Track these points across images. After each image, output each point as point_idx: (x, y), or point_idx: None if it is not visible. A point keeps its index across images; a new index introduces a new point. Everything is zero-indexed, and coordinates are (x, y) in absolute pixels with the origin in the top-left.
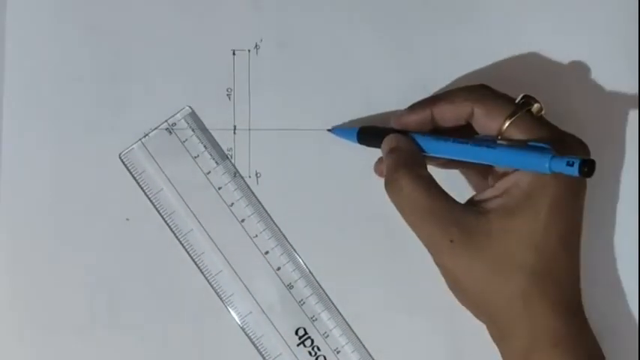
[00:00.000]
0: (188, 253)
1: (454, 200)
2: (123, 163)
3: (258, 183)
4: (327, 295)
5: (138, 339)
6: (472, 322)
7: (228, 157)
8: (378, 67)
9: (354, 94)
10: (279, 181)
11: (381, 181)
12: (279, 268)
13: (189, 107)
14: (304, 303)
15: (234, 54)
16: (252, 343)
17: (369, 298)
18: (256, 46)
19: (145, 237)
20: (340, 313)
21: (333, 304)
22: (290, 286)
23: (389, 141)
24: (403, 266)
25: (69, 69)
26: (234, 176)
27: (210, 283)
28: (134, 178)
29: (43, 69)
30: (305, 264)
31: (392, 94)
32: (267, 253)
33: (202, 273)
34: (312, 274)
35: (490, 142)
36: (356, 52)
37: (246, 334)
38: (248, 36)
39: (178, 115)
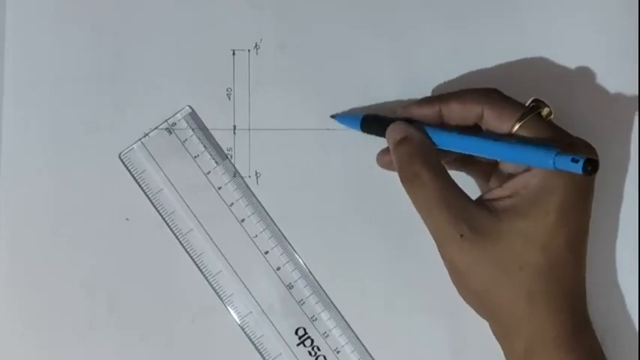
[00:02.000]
0: (188, 253)
1: (467, 196)
2: (123, 162)
3: (258, 183)
4: (326, 295)
5: (138, 339)
6: (473, 322)
7: (228, 157)
8: (378, 67)
9: (354, 94)
10: (279, 181)
11: (381, 181)
12: (278, 268)
13: (189, 107)
14: (304, 303)
15: (234, 54)
16: (252, 343)
17: (369, 298)
18: (256, 45)
19: (144, 237)
20: (340, 313)
21: (332, 304)
22: (290, 286)
23: (397, 130)
24: (403, 266)
25: (69, 69)
26: (234, 176)
27: (210, 283)
28: (134, 177)
29: (43, 69)
30: (305, 264)
31: (392, 95)
32: (267, 253)
33: (202, 273)
34: (311, 274)
35: (496, 137)
36: (356, 51)
37: (246, 334)
38: (248, 36)
39: (178, 114)
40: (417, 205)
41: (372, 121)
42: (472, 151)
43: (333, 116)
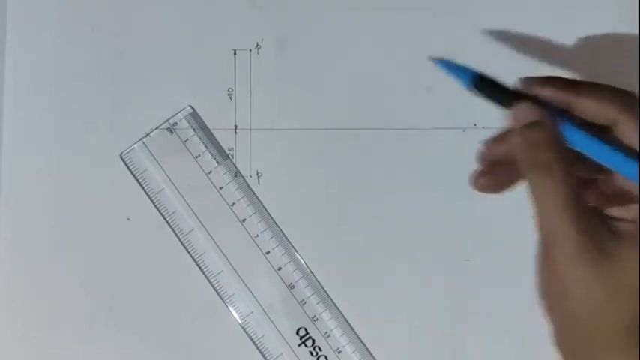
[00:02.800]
0: (189, 252)
1: (589, 206)
2: (124, 162)
3: (259, 183)
4: (328, 295)
5: (138, 339)
6: (473, 323)
7: (229, 157)
8: (379, 67)
9: (355, 93)
10: (280, 181)
11: (381, 180)
12: (280, 268)
13: (191, 107)
14: (305, 303)
15: (235, 54)
16: (253, 343)
17: (370, 298)
18: (257, 45)
19: (145, 237)
20: (341, 313)
21: (334, 304)
22: (291, 286)
23: (528, 111)
24: (404, 266)
25: (69, 69)
26: (235, 176)
27: (211, 283)
28: (135, 177)
29: (44, 69)
30: (306, 264)
31: (393, 94)
32: (268, 252)
33: (203, 273)
34: (313, 274)
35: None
36: (356, 51)
37: (247, 334)
38: (249, 35)
39: (179, 114)
40: (539, 199)
41: (490, 84)
42: (606, 162)
43: (434, 59)
